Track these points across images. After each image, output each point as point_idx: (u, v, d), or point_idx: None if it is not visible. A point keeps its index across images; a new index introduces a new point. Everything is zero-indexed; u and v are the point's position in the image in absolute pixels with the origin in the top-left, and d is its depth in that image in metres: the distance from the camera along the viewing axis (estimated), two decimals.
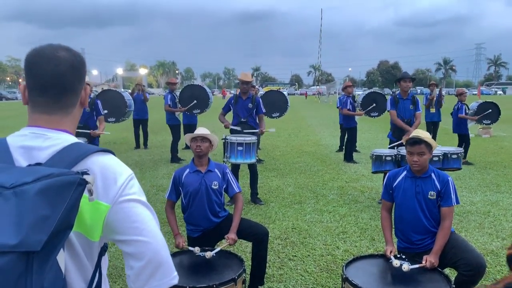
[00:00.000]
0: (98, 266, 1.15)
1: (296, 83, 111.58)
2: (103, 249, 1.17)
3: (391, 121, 6.26)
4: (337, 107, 10.65)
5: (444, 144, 10.74)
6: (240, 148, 5.61)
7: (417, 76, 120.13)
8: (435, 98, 10.27)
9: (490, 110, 9.83)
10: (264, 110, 6.57)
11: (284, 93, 11.24)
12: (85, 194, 0.99)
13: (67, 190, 0.95)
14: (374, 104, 9.54)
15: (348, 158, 9.30)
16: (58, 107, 1.17)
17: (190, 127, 9.95)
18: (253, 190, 6.17)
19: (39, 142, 1.12)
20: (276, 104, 9.66)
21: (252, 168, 6.15)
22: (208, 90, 9.59)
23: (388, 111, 6.31)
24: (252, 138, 5.75)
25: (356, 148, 10.59)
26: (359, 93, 13.94)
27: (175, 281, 1.13)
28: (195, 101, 9.13)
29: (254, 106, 6.31)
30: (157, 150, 11.16)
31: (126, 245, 1.10)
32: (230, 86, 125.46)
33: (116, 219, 1.09)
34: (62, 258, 1.00)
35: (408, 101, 6.17)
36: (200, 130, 3.55)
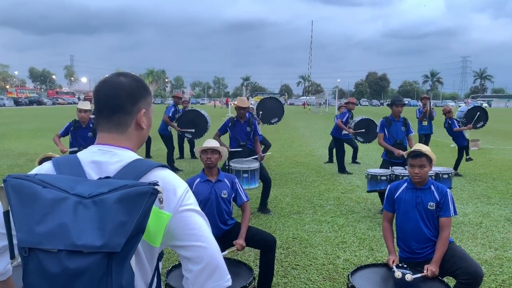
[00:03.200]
0: (157, 269, 1.28)
1: (286, 93, 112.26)
2: (160, 255, 1.30)
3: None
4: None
5: (437, 156, 11.01)
6: (245, 175, 5.75)
7: (404, 88, 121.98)
8: (428, 111, 10.54)
9: (478, 113, 10.17)
10: (260, 133, 6.67)
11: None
12: (155, 204, 1.12)
13: (142, 199, 1.08)
14: (364, 130, 9.74)
15: (341, 169, 9.48)
16: (112, 126, 1.31)
17: (184, 139, 10.12)
18: (262, 201, 6.38)
19: (107, 157, 1.25)
20: (273, 110, 9.81)
21: (266, 181, 6.29)
22: (209, 121, 9.72)
23: (378, 133, 6.38)
24: (256, 165, 5.88)
25: (357, 160, 10.85)
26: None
27: (229, 283, 1.27)
28: (193, 130, 9.33)
29: (251, 129, 6.40)
30: (154, 159, 11.22)
31: (185, 250, 1.23)
32: (220, 95, 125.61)
33: (176, 227, 1.22)
34: (132, 261, 1.13)
35: (399, 123, 6.35)
36: (210, 143, 3.69)
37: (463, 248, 4.77)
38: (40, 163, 3.46)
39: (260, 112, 9.47)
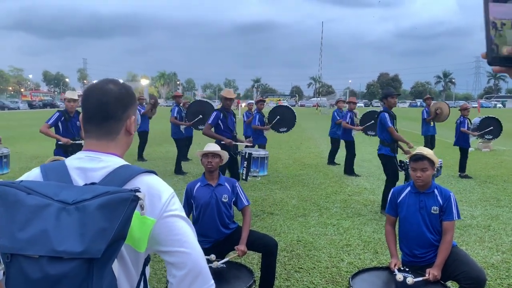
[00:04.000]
0: (143, 274, 1.29)
1: (297, 95, 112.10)
2: (147, 260, 1.31)
3: (388, 138, 6.24)
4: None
5: (443, 156, 10.92)
6: (265, 161, 6.71)
7: (416, 89, 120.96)
8: (433, 114, 10.48)
9: (492, 128, 9.93)
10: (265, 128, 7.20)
11: (285, 104, 11.49)
12: (137, 210, 1.14)
13: (122, 206, 1.09)
14: (373, 121, 9.69)
15: (349, 171, 9.45)
16: (102, 133, 1.33)
17: (189, 139, 10.14)
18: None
19: (93, 164, 1.27)
20: (285, 119, 9.83)
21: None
22: (215, 106, 9.78)
23: (389, 127, 6.21)
24: (266, 152, 6.81)
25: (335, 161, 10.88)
26: (360, 105, 14.21)
27: None
28: (200, 116, 9.31)
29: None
30: (161, 161, 11.29)
31: (169, 256, 1.25)
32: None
33: (160, 232, 1.23)
34: (115, 266, 1.15)
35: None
36: (211, 147, 3.70)
37: (470, 252, 4.74)
38: None
39: (267, 119, 9.59)
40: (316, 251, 4.78)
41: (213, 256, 3.16)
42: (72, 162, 1.29)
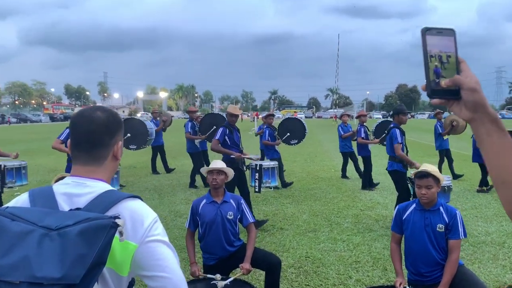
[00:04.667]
0: None
1: (314, 106, 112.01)
2: (131, 283, 1.34)
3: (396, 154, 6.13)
4: (340, 136, 10.75)
5: (460, 169, 10.73)
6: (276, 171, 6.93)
7: None
8: (448, 128, 10.35)
9: None
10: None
11: (301, 116, 11.58)
12: (116, 235, 1.17)
13: (102, 232, 1.13)
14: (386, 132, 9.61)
15: (367, 185, 9.33)
16: (91, 159, 1.38)
17: (205, 153, 10.21)
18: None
19: (79, 189, 1.32)
20: (295, 131, 9.86)
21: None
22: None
23: (396, 143, 6.09)
24: (275, 163, 7.00)
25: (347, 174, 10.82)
26: (378, 116, 14.21)
27: None
28: (214, 127, 9.41)
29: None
30: (175, 175, 11.39)
31: (150, 280, 1.27)
32: (248, 109, 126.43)
33: (142, 257, 1.27)
34: None
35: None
36: (217, 164, 3.74)
37: (482, 269, 4.64)
38: (56, 182, 3.60)
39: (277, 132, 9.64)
40: (324, 268, 4.74)
41: (218, 276, 3.17)
42: (59, 187, 1.33)
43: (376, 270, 4.67)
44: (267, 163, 6.80)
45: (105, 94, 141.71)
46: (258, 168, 6.56)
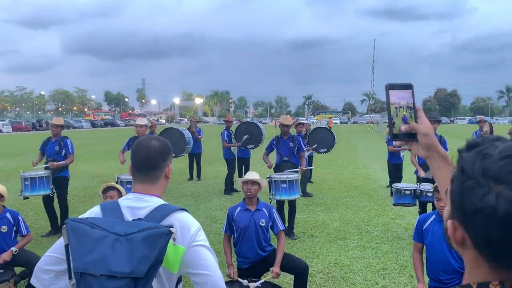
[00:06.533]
0: None
1: (349, 112, 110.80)
2: (179, 280, 1.68)
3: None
4: (385, 142, 10.83)
5: None
6: (284, 185, 6.16)
7: (477, 104, 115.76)
8: (487, 134, 10.23)
9: None
10: (305, 149, 7.25)
11: (336, 121, 11.72)
12: (170, 241, 1.51)
13: (160, 238, 1.48)
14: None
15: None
16: (148, 179, 1.73)
17: (244, 160, 10.59)
18: (289, 224, 6.59)
19: (139, 203, 1.67)
20: (324, 140, 10.12)
21: (291, 203, 6.59)
22: (261, 126, 10.27)
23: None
24: (294, 176, 6.30)
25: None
26: None
27: None
28: (247, 136, 9.81)
29: (295, 145, 6.93)
30: (211, 181, 11.83)
31: (195, 276, 1.61)
32: (282, 114, 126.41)
33: (189, 258, 1.60)
34: (154, 283, 1.52)
35: None
36: (252, 175, 4.08)
37: None
38: (103, 191, 4.04)
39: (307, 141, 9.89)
40: (352, 274, 4.97)
41: (245, 282, 3.49)
42: (124, 202, 1.70)
43: (402, 277, 4.86)
44: (285, 176, 6.25)
45: (143, 101, 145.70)
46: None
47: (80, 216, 1.65)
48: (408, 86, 1.21)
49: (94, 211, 1.71)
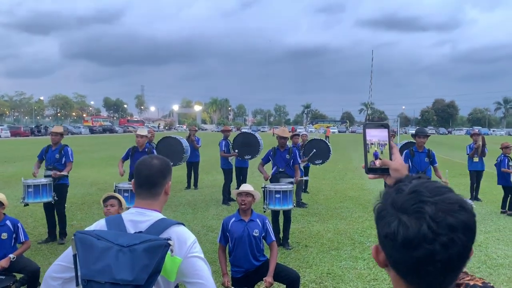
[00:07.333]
0: None
1: (347, 121, 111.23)
2: (176, 287, 1.84)
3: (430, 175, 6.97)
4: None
5: (490, 191, 10.80)
6: (278, 195, 6.34)
7: (474, 116, 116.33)
8: (480, 148, 10.41)
9: None
10: (299, 161, 7.44)
11: (334, 131, 11.93)
12: (168, 252, 1.67)
13: (159, 249, 1.64)
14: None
15: None
16: (149, 195, 1.90)
17: (241, 170, 10.75)
18: (284, 234, 6.72)
19: (141, 217, 1.83)
20: (319, 152, 10.31)
21: (287, 214, 6.75)
22: (259, 137, 10.45)
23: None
24: (289, 186, 6.47)
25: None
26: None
27: None
28: (245, 147, 10.00)
29: (291, 157, 7.15)
30: (208, 190, 11.96)
31: (190, 285, 1.77)
32: (281, 123, 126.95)
33: (185, 268, 1.76)
34: None
35: (423, 154, 6.98)
36: (246, 187, 4.24)
37: None
38: (104, 200, 4.20)
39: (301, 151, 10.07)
40: (343, 284, 5.12)
41: None
42: (126, 215, 1.86)
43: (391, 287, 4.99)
44: (278, 187, 6.43)
45: (142, 107, 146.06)
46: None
47: (86, 229, 1.81)
48: (385, 125, 1.36)
49: (100, 224, 1.87)
